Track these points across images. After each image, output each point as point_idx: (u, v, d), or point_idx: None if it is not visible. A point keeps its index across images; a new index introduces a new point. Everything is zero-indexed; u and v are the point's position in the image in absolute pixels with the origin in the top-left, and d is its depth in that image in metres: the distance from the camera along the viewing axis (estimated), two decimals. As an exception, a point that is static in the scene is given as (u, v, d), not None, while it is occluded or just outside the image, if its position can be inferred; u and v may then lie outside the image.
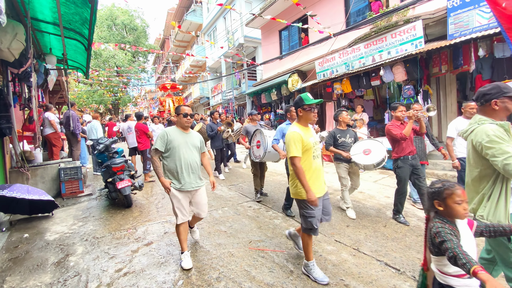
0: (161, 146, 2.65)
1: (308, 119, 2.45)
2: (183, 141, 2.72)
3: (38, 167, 5.23)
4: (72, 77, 16.20)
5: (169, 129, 2.73)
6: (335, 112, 4.18)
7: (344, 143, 3.95)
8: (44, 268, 2.78)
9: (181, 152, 2.68)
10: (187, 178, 2.69)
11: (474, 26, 5.41)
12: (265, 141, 4.18)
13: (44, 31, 5.15)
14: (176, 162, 2.66)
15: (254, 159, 4.51)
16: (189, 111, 2.76)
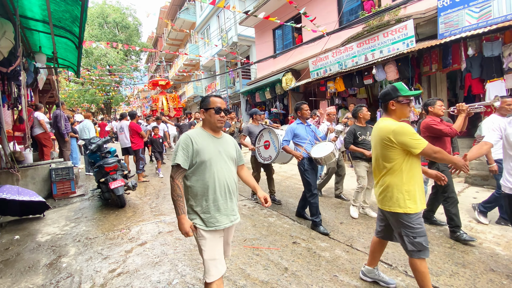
0: (185, 161, 1.72)
1: (403, 114, 2.01)
2: (216, 150, 1.79)
3: (29, 167, 5.14)
4: (62, 76, 15.92)
5: (193, 133, 1.79)
6: (354, 108, 3.92)
7: (365, 141, 3.71)
8: (36, 269, 2.74)
9: (214, 167, 1.75)
10: (223, 207, 1.77)
11: (463, 26, 5.51)
12: (277, 140, 3.93)
13: (34, 29, 5.05)
14: (207, 183, 1.74)
15: (262, 161, 4.28)
16: (223, 105, 1.84)
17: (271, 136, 4.14)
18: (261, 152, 4.32)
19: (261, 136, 4.35)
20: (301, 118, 3.63)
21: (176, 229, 3.57)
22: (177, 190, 1.71)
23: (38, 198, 3.90)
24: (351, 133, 3.78)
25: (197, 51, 20.20)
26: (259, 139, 4.37)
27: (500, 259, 2.63)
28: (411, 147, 1.85)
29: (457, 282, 2.29)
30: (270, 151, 4.11)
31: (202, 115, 1.84)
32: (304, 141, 3.51)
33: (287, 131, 3.59)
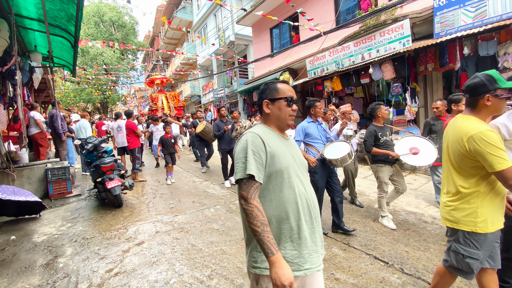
0: (259, 171, 1.19)
1: (497, 111, 1.62)
2: (290, 155, 1.29)
3: (24, 167, 5.10)
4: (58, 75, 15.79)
5: (260, 131, 1.27)
6: (371, 106, 3.54)
7: (386, 142, 3.39)
8: (32, 270, 2.72)
9: (294, 180, 1.25)
10: (310, 241, 1.24)
11: (459, 25, 5.55)
12: None
13: (29, 28, 5.00)
14: (286, 203, 1.22)
15: None
16: (294, 94, 1.37)
17: None
18: None
19: None
20: (313, 117, 3.33)
21: (174, 228, 3.57)
22: (258, 216, 1.11)
23: (34, 198, 3.87)
24: (372, 134, 3.40)
25: (194, 50, 20.14)
26: None
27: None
28: (487, 163, 1.47)
29: (453, 279, 2.32)
30: None
31: (266, 109, 1.36)
32: (316, 141, 3.28)
33: (298, 130, 3.31)
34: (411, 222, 3.54)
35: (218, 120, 5.91)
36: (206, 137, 6.93)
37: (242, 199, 1.17)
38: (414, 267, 2.52)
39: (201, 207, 4.39)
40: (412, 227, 3.40)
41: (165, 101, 12.95)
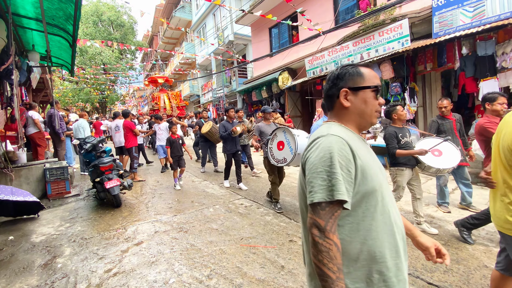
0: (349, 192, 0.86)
1: None
2: (378, 168, 0.98)
3: (22, 167, 5.08)
4: (56, 74, 15.73)
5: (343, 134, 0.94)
6: (387, 109, 3.41)
7: (407, 143, 3.24)
8: (30, 270, 2.71)
9: (387, 203, 0.95)
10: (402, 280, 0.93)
11: (458, 25, 5.57)
12: (294, 142, 3.55)
13: (27, 27, 4.98)
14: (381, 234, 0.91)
15: (276, 164, 3.89)
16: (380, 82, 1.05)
17: (286, 136, 3.76)
18: (274, 154, 3.93)
19: (275, 136, 3.96)
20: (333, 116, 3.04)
21: (173, 228, 3.57)
22: (336, 258, 0.82)
23: (32, 198, 3.86)
24: (393, 136, 3.23)
25: (193, 49, 20.11)
26: (272, 140, 3.99)
27: (493, 255, 2.67)
28: None
29: (451, 278, 2.33)
30: (285, 153, 3.72)
31: (344, 101, 1.02)
32: None
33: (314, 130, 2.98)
34: (410, 221, 3.54)
35: (225, 121, 5.60)
36: (211, 138, 6.70)
37: (317, 229, 0.84)
38: (413, 266, 2.52)
39: (200, 207, 4.39)
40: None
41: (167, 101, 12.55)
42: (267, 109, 4.57)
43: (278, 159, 3.85)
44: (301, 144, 3.55)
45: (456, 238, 3.04)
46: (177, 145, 5.52)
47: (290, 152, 3.65)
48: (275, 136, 3.96)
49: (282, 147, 3.78)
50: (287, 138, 3.73)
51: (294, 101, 10.92)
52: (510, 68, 5.09)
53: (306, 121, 11.24)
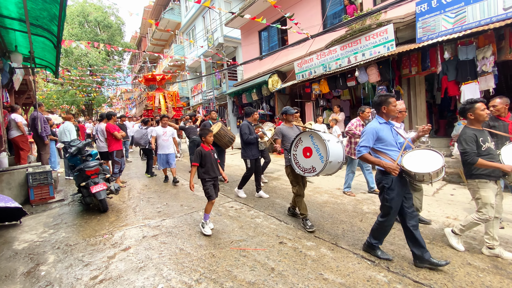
0: None
1: None
2: None
3: (4, 172, 4.89)
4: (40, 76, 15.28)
5: None
6: (462, 106, 2.77)
7: (490, 150, 2.64)
8: (13, 279, 2.61)
9: None
10: None
11: (440, 30, 5.77)
12: (325, 148, 3.00)
13: (9, 28, 4.83)
14: None
15: (302, 173, 3.30)
16: None
17: (313, 141, 3.20)
18: (299, 161, 3.34)
19: (299, 141, 3.36)
20: (385, 116, 2.66)
21: (161, 232, 3.52)
22: None
23: (14, 204, 3.72)
24: (472, 140, 2.59)
25: (183, 51, 19.98)
26: (295, 145, 3.40)
27: (476, 253, 2.77)
28: None
29: (436, 276, 2.39)
30: (313, 161, 3.17)
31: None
32: (391, 148, 2.60)
33: (367, 133, 2.59)
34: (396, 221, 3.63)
35: (247, 122, 4.99)
36: (220, 141, 5.63)
37: None
38: (399, 265, 2.58)
39: (190, 211, 4.35)
40: (397, 226, 3.47)
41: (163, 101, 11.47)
42: (290, 110, 3.93)
43: (305, 168, 3.26)
44: (334, 150, 3.03)
45: (440, 237, 3.12)
46: (212, 160, 3.50)
47: (320, 160, 3.10)
48: (299, 141, 3.37)
49: (310, 154, 3.23)
50: (316, 143, 3.17)
51: (284, 104, 11.01)
52: (490, 72, 5.32)
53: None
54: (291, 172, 3.60)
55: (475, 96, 5.50)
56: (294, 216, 3.88)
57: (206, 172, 3.46)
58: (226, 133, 5.68)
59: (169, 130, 6.03)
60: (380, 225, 2.67)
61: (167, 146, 6.04)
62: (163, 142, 6.01)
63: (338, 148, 3.14)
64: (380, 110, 2.68)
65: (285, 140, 3.82)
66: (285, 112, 3.96)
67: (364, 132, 2.64)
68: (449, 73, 6.01)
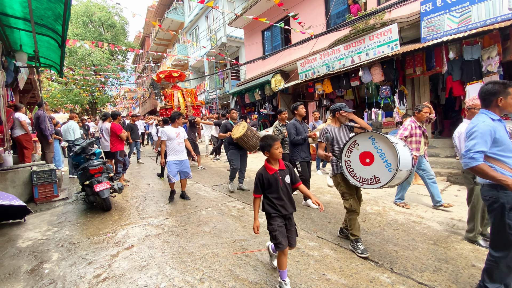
0: None
1: None
2: None
3: (8, 170, 4.94)
4: (45, 75, 15.40)
5: None
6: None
7: None
8: (16, 276, 2.63)
9: None
10: None
11: (445, 30, 5.73)
12: (395, 154, 2.44)
13: (14, 27, 4.87)
14: None
15: (360, 185, 2.72)
16: None
17: (376, 145, 2.61)
18: (354, 170, 2.77)
19: (354, 145, 2.77)
20: (499, 111, 2.00)
21: (164, 231, 3.52)
22: None
23: (19, 202, 3.75)
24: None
25: (186, 51, 20.03)
26: (349, 150, 2.81)
27: (481, 255, 2.74)
28: None
29: (440, 278, 2.37)
30: (376, 170, 2.60)
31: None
32: (509, 154, 1.91)
33: (482, 133, 1.88)
34: (400, 222, 3.61)
35: (294, 121, 4.43)
36: (246, 144, 5.00)
37: None
38: (403, 266, 2.56)
39: (192, 210, 4.35)
40: (401, 227, 3.46)
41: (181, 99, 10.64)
42: (344, 107, 3.12)
43: (364, 178, 2.68)
44: (405, 156, 2.50)
45: (444, 238, 3.10)
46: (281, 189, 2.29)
47: (386, 168, 2.52)
48: (354, 145, 2.77)
49: (371, 161, 2.64)
50: (379, 147, 2.59)
51: (286, 104, 10.99)
52: (495, 72, 5.26)
53: (298, 123, 11.28)
54: (343, 182, 2.96)
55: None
56: (347, 239, 3.09)
57: (271, 204, 2.29)
58: (253, 134, 4.99)
59: (182, 131, 4.93)
60: (499, 262, 1.93)
61: (181, 150, 4.80)
62: (177, 146, 4.76)
63: (407, 154, 2.59)
64: (493, 102, 1.98)
65: (333, 143, 3.08)
66: (337, 109, 3.12)
67: (474, 131, 1.92)
68: (454, 73, 5.96)
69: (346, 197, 2.94)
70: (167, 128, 4.82)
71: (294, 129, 4.34)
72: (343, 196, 3.00)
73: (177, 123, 4.90)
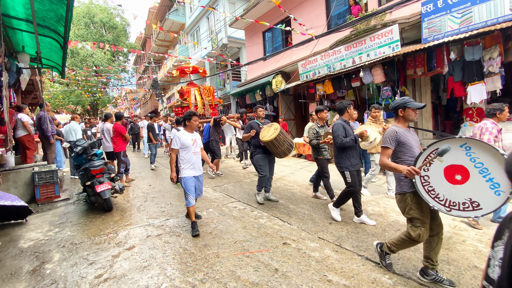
0: None
1: None
2: None
3: (10, 171, 4.95)
4: (46, 76, 15.47)
5: None
6: None
7: None
8: (18, 276, 2.64)
9: None
10: None
11: (446, 31, 5.72)
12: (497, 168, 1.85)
13: (16, 28, 4.90)
14: None
15: (446, 211, 2.09)
16: None
17: (472, 156, 1.95)
18: (436, 189, 2.11)
19: (433, 154, 2.04)
20: None
21: (165, 232, 3.53)
22: None
23: (20, 203, 3.76)
24: None
25: (187, 52, 20.08)
26: (425, 162, 2.09)
27: (483, 256, 2.73)
28: None
29: (442, 279, 2.36)
30: (473, 190, 1.97)
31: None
32: None
33: None
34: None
35: (341, 121, 3.74)
36: (276, 149, 4.33)
37: None
38: (405, 268, 2.55)
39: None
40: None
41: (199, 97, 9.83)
42: (408, 101, 2.39)
43: (453, 201, 2.05)
44: None
45: (446, 239, 3.09)
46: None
47: (491, 190, 1.89)
48: (434, 154, 2.03)
49: (464, 178, 2.00)
50: (477, 160, 1.93)
51: (287, 104, 10.99)
52: (497, 72, 5.25)
53: (299, 124, 11.31)
54: (415, 205, 2.24)
55: (481, 97, 5.44)
56: (437, 283, 2.30)
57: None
58: (286, 138, 4.34)
59: (199, 138, 3.79)
60: None
61: (198, 162, 3.64)
62: (194, 156, 3.59)
63: None
64: None
65: (402, 150, 2.33)
66: (404, 105, 2.40)
67: None
68: (455, 73, 5.95)
69: (416, 224, 2.24)
70: (181, 133, 3.61)
71: (342, 130, 3.61)
72: (411, 222, 2.29)
73: (192, 126, 3.68)
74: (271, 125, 4.51)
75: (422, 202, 2.21)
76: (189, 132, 3.67)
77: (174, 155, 3.67)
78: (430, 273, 2.33)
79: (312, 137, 4.33)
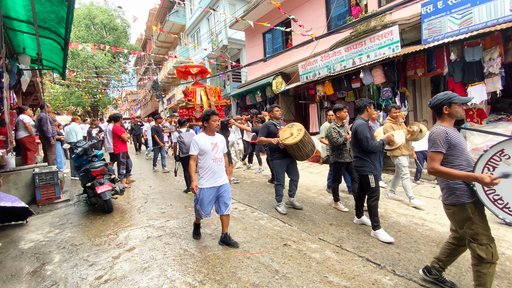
0: None
1: None
2: None
3: (11, 172, 4.96)
4: (47, 78, 15.50)
5: None
6: None
7: None
8: (18, 278, 2.64)
9: None
10: None
11: (446, 32, 5.73)
12: None
13: (17, 30, 4.92)
14: None
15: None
16: None
17: None
18: (503, 197, 1.83)
19: (501, 155, 1.83)
20: None
21: (166, 233, 3.52)
22: None
23: (21, 204, 3.76)
24: None
25: (187, 53, 20.12)
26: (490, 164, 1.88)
27: (483, 257, 2.72)
28: None
29: (443, 280, 2.35)
30: None
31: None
32: None
33: None
34: (402, 224, 3.59)
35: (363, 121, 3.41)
36: (299, 152, 3.96)
37: None
38: (405, 269, 2.55)
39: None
40: (403, 229, 3.44)
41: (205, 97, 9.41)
42: (454, 96, 2.07)
43: None
44: None
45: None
46: None
47: None
48: (501, 156, 1.83)
49: None
50: None
51: (287, 105, 10.99)
52: (497, 73, 5.25)
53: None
54: (479, 217, 1.93)
55: (481, 98, 5.44)
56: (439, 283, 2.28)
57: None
58: (310, 140, 4.05)
59: (221, 141, 3.22)
60: None
61: (221, 170, 3.15)
62: (214, 163, 3.08)
63: None
64: None
65: (454, 153, 2.00)
66: (449, 101, 2.06)
67: None
68: (456, 74, 5.95)
69: (482, 241, 1.88)
70: (200, 136, 3.11)
71: (367, 132, 3.29)
72: (474, 239, 1.92)
73: (211, 128, 3.12)
74: (292, 125, 4.10)
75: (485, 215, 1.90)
76: (209, 134, 3.14)
77: (193, 162, 3.09)
78: (434, 272, 2.28)
79: (336, 136, 4.02)
